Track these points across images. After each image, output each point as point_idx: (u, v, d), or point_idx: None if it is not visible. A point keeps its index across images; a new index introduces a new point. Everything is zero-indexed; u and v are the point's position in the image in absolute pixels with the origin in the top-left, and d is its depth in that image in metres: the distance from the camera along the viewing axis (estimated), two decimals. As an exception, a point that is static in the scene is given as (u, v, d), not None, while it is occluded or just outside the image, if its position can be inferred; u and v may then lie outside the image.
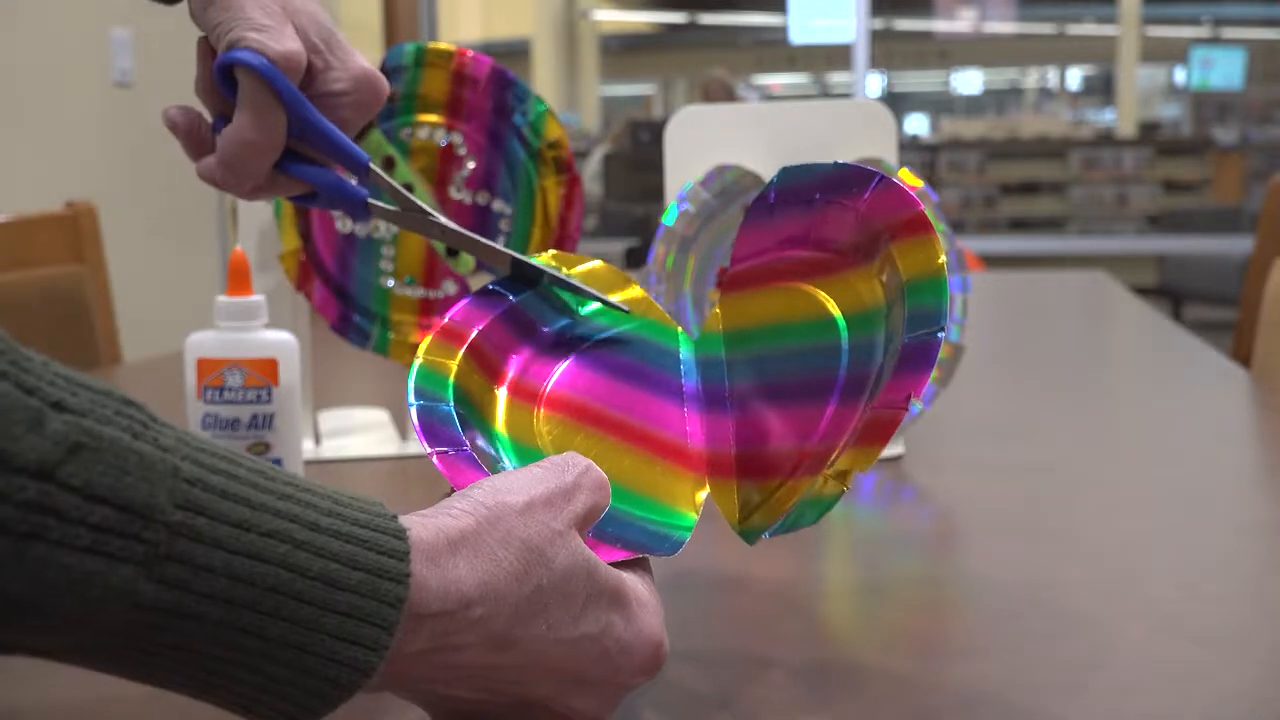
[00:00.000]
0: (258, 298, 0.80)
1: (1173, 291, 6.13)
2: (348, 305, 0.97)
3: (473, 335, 0.57)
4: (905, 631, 0.64)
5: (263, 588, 0.37)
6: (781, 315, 0.58)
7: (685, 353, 0.61)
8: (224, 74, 0.57)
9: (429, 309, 0.97)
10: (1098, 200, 7.08)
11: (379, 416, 1.10)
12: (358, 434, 1.05)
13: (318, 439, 1.03)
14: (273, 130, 0.57)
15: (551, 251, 0.63)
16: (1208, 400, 1.20)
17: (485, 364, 0.57)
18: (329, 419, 1.09)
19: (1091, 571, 0.71)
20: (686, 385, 0.60)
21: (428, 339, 0.57)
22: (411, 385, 0.54)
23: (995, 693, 0.55)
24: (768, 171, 0.96)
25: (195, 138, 0.60)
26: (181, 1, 0.62)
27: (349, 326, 0.97)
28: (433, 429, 0.52)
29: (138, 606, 0.35)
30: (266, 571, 0.37)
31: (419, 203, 0.60)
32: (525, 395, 0.57)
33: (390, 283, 0.97)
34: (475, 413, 0.55)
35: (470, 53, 0.94)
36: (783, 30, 7.79)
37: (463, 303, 0.59)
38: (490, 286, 0.60)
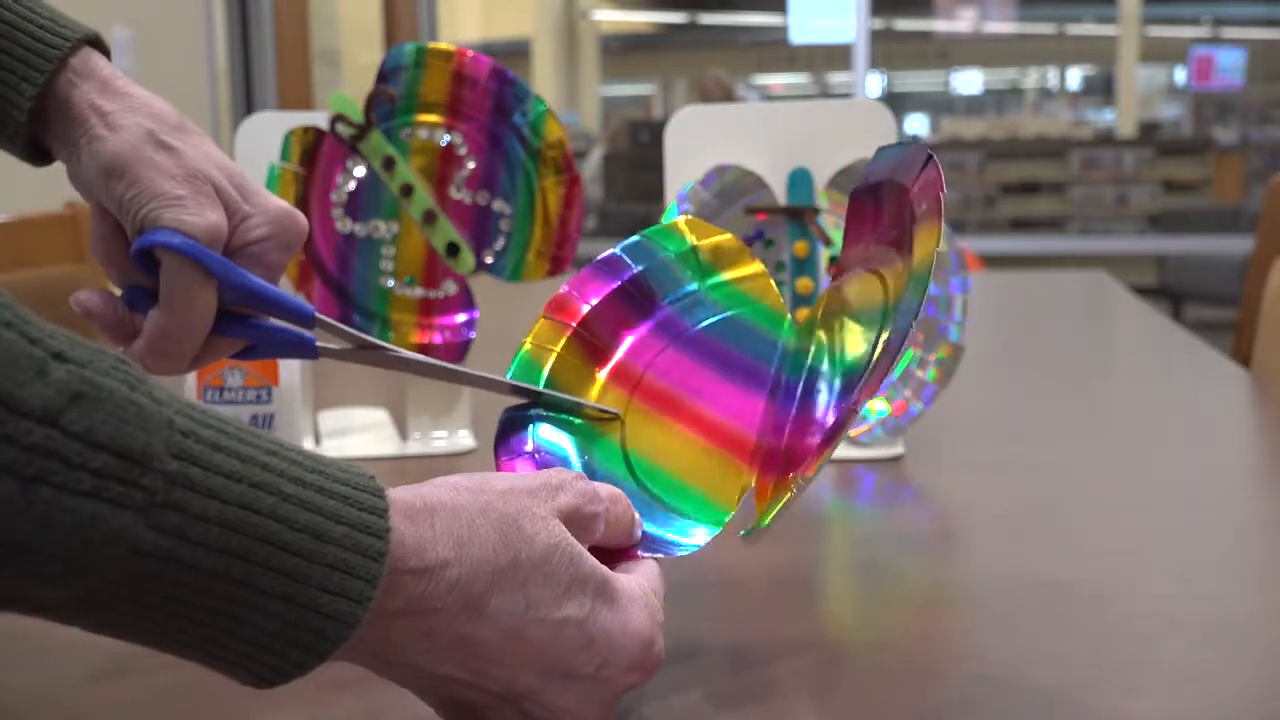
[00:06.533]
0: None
1: (1173, 291, 6.14)
2: (348, 305, 0.97)
3: (584, 311, 0.57)
4: (905, 631, 0.64)
5: (253, 538, 0.38)
6: (853, 302, 0.57)
7: (784, 341, 0.60)
8: (143, 256, 0.54)
9: (429, 309, 0.97)
10: (1098, 200, 7.08)
11: (379, 416, 1.10)
12: (358, 434, 1.05)
13: (318, 439, 1.03)
14: (205, 307, 0.55)
15: (685, 217, 0.62)
16: (1208, 400, 1.20)
17: (590, 346, 0.58)
18: (329, 419, 1.09)
19: (1091, 571, 0.71)
20: (774, 375, 0.59)
21: (540, 321, 0.57)
22: (509, 377, 0.55)
23: (995, 693, 0.55)
24: (768, 172, 0.96)
25: (113, 322, 0.57)
26: (54, 161, 0.59)
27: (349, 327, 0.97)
28: (506, 433, 0.55)
29: (136, 553, 0.36)
30: (257, 522, 0.38)
31: (374, 340, 0.58)
32: (624, 381, 0.57)
33: (390, 283, 0.97)
34: (563, 400, 0.56)
35: (470, 53, 0.94)
36: (783, 30, 7.78)
37: (583, 271, 0.58)
38: (615, 252, 0.60)
